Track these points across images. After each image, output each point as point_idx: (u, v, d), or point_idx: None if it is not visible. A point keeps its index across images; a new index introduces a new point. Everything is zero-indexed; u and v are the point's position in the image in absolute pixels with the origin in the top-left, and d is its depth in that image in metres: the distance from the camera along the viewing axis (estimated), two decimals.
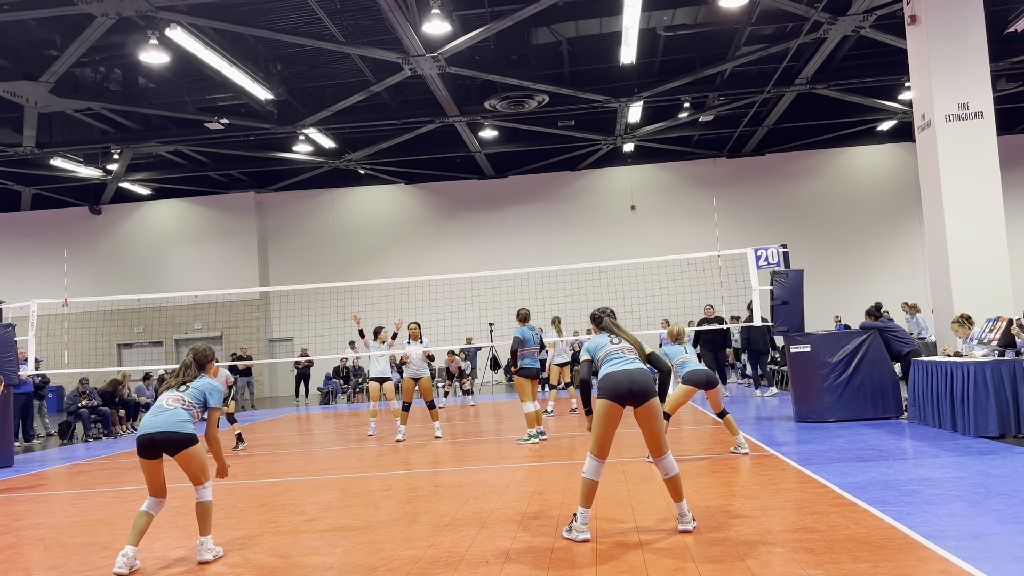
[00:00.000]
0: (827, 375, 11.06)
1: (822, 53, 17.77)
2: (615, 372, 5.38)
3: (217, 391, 5.47)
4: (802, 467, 7.51)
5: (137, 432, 5.23)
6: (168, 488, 5.36)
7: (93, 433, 15.67)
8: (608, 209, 26.88)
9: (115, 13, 13.83)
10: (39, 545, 6.16)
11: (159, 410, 5.24)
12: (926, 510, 5.53)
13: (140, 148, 22.50)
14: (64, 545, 6.10)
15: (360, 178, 27.20)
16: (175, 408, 5.25)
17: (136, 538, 5.12)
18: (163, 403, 5.29)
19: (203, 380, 5.49)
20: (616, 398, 5.31)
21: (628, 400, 5.33)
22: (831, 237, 26.05)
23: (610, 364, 5.49)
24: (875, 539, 4.88)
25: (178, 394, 5.35)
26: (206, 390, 5.42)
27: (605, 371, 5.48)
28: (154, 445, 5.16)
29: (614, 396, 5.31)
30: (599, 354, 5.64)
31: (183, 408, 5.28)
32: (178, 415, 5.22)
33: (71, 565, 5.45)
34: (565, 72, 20.19)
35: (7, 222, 27.96)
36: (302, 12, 15.80)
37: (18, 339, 12.80)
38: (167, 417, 5.19)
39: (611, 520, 5.82)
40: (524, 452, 9.87)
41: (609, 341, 5.67)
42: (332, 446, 12.06)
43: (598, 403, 5.40)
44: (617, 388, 5.31)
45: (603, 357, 5.59)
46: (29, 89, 17.17)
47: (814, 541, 4.92)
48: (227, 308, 26.85)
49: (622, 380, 5.33)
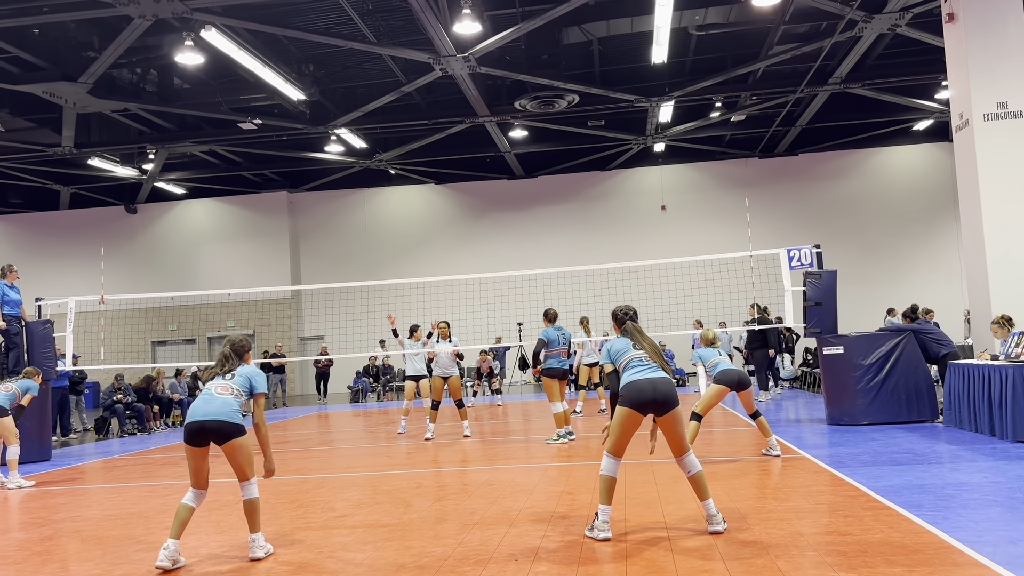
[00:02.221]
0: (860, 377, 10.92)
1: (857, 52, 17.55)
2: (639, 380, 5.33)
3: (261, 377, 5.45)
4: (835, 470, 7.43)
5: (187, 419, 5.18)
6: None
7: (128, 429, 15.90)
8: (638, 209, 26.77)
9: (152, 15, 14.05)
10: (76, 538, 6.27)
11: (209, 398, 5.20)
12: (962, 515, 5.44)
13: (175, 148, 22.84)
14: (100, 538, 6.20)
15: (391, 178, 27.36)
16: (225, 396, 5.21)
17: (178, 531, 5.09)
18: (212, 391, 5.25)
19: (245, 367, 5.46)
20: (639, 406, 5.28)
21: (651, 408, 5.29)
22: (865, 238, 25.73)
23: (634, 371, 5.41)
24: (910, 543, 4.81)
25: (226, 382, 5.31)
26: (251, 376, 5.40)
27: (628, 378, 5.38)
28: (204, 433, 5.11)
29: (636, 405, 5.28)
30: (621, 360, 5.54)
31: (233, 397, 5.24)
32: (229, 404, 5.19)
33: (108, 558, 5.54)
34: (596, 72, 20.14)
35: (46, 221, 28.50)
36: (334, 13, 15.93)
37: (56, 335, 13.03)
38: (219, 405, 5.16)
39: (640, 520, 5.80)
40: (552, 452, 9.86)
41: (631, 346, 5.56)
42: (362, 444, 12.14)
43: (619, 410, 5.35)
44: (640, 396, 5.27)
45: (626, 363, 5.50)
46: (68, 90, 17.50)
47: (847, 544, 4.86)
48: (259, 306, 27.14)
49: (645, 388, 5.28)
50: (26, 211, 28.66)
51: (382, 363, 24.32)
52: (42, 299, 13.71)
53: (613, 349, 5.63)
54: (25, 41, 16.26)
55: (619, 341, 5.65)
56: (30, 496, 8.57)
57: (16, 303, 12.63)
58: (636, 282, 20.58)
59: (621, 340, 5.65)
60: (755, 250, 13.02)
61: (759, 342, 15.59)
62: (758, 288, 14.34)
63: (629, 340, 5.62)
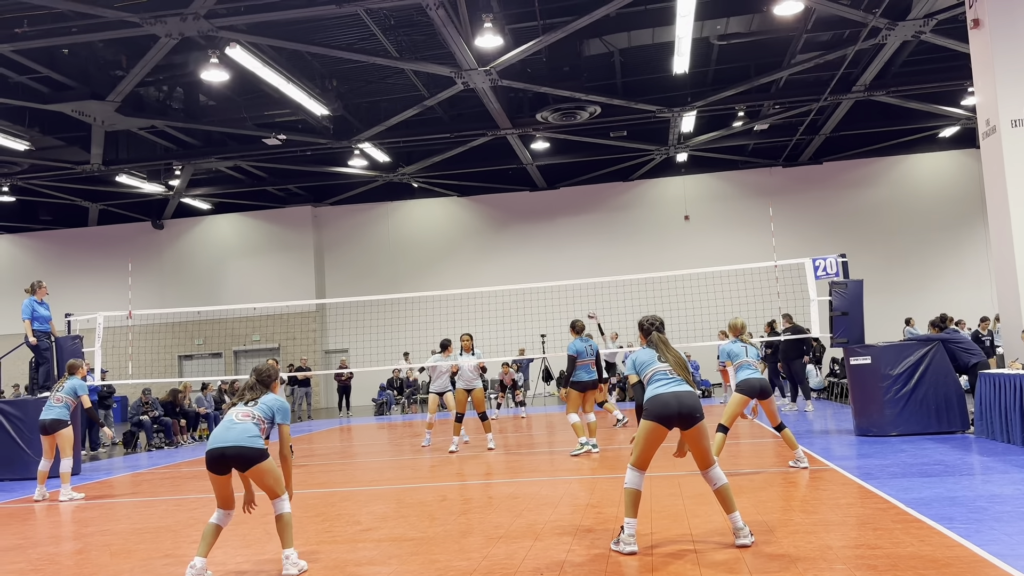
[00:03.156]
0: (888, 387, 10.78)
1: (881, 59, 17.43)
2: (665, 394, 5.30)
3: (285, 408, 5.42)
4: (863, 482, 7.33)
5: (208, 446, 5.15)
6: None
7: (155, 442, 16.06)
8: (661, 219, 26.70)
9: (178, 33, 14.26)
10: (106, 551, 6.33)
11: (229, 425, 5.17)
12: (995, 528, 5.34)
13: (201, 164, 23.12)
14: (129, 552, 6.25)
15: (414, 191, 27.51)
16: (245, 423, 5.18)
17: (205, 550, 5.09)
18: (233, 418, 5.22)
19: (269, 396, 5.42)
20: (664, 420, 5.26)
21: (676, 422, 5.26)
22: (891, 246, 25.47)
23: (659, 385, 5.38)
24: (941, 557, 4.73)
25: (247, 408, 5.28)
26: (273, 406, 5.37)
27: (654, 392, 5.36)
28: (224, 460, 5.08)
29: (662, 419, 5.26)
30: (646, 371, 5.52)
31: (253, 423, 5.20)
32: (248, 430, 5.15)
33: (136, 572, 5.58)
34: (617, 83, 20.15)
35: (75, 237, 28.93)
36: (357, 29, 16.08)
37: (85, 350, 13.20)
38: (238, 432, 5.11)
39: (666, 534, 5.75)
40: (577, 464, 9.83)
41: (657, 358, 5.53)
42: (386, 456, 12.16)
43: (644, 423, 5.34)
44: (665, 411, 5.25)
45: (650, 375, 5.47)
46: (97, 108, 17.79)
47: (877, 558, 4.79)
48: (285, 320, 27.34)
49: (671, 403, 5.26)
50: (56, 228, 29.11)
51: (406, 375, 24.37)
52: (71, 315, 13.90)
53: (639, 360, 5.61)
54: (55, 61, 16.57)
55: (644, 352, 5.64)
56: (62, 510, 8.66)
57: (46, 319, 12.81)
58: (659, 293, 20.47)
59: (646, 351, 5.64)
60: (780, 260, 12.93)
61: (795, 352, 15.50)
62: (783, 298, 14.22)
63: (655, 352, 5.60)
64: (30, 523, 7.90)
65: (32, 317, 12.62)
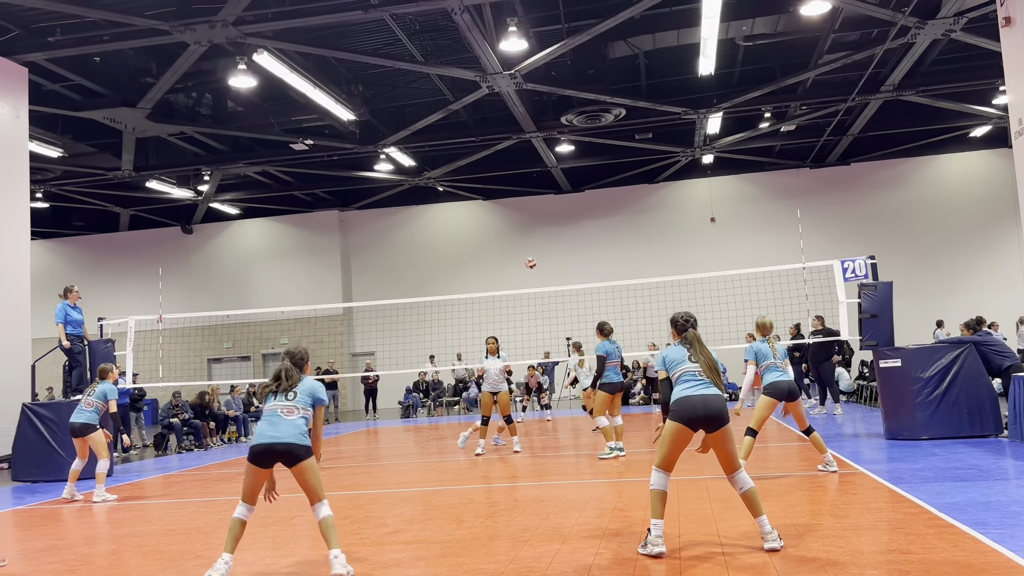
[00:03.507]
0: (919, 390, 10.65)
1: (910, 58, 17.23)
2: (692, 396, 5.27)
3: (322, 388, 5.43)
4: (894, 486, 7.24)
5: (254, 440, 5.13)
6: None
7: (185, 445, 16.24)
8: (687, 222, 26.58)
9: (207, 40, 14.44)
10: (138, 552, 6.41)
11: (277, 420, 5.12)
12: None
13: (229, 169, 23.38)
14: (161, 553, 6.34)
15: (439, 195, 27.62)
16: (294, 419, 5.15)
17: (232, 545, 5.10)
18: (280, 413, 5.16)
19: (306, 382, 5.37)
20: (689, 423, 5.25)
21: (701, 425, 5.24)
22: (920, 248, 25.16)
23: (687, 386, 5.34)
24: (976, 563, 4.66)
25: (290, 403, 5.21)
26: (312, 392, 5.33)
27: (680, 393, 5.33)
28: (272, 455, 5.07)
29: (687, 421, 5.24)
30: (676, 370, 5.47)
31: (300, 418, 5.18)
32: (298, 426, 5.13)
33: (167, 572, 5.66)
34: (642, 85, 20.11)
35: (107, 242, 29.37)
36: (383, 34, 16.19)
37: (117, 354, 13.40)
38: (287, 427, 5.09)
39: (694, 537, 5.72)
40: (603, 467, 9.80)
41: (687, 358, 5.48)
42: (413, 459, 12.21)
43: (669, 424, 5.32)
44: (691, 413, 5.23)
45: (679, 375, 5.43)
46: (127, 115, 18.07)
47: (909, 564, 4.73)
48: (312, 323, 27.54)
49: (697, 405, 5.23)
50: (88, 233, 29.57)
51: (432, 378, 24.46)
52: (104, 319, 14.11)
53: (669, 357, 5.55)
54: (87, 69, 16.84)
55: (676, 350, 5.58)
56: (95, 511, 8.79)
57: (78, 323, 13.03)
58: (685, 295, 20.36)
59: (678, 349, 5.58)
60: (808, 262, 12.82)
61: (824, 354, 15.38)
62: (812, 300, 14.09)
63: (686, 351, 5.54)
64: (64, 524, 8.03)
65: (65, 321, 12.84)
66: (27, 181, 15.08)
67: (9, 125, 14.61)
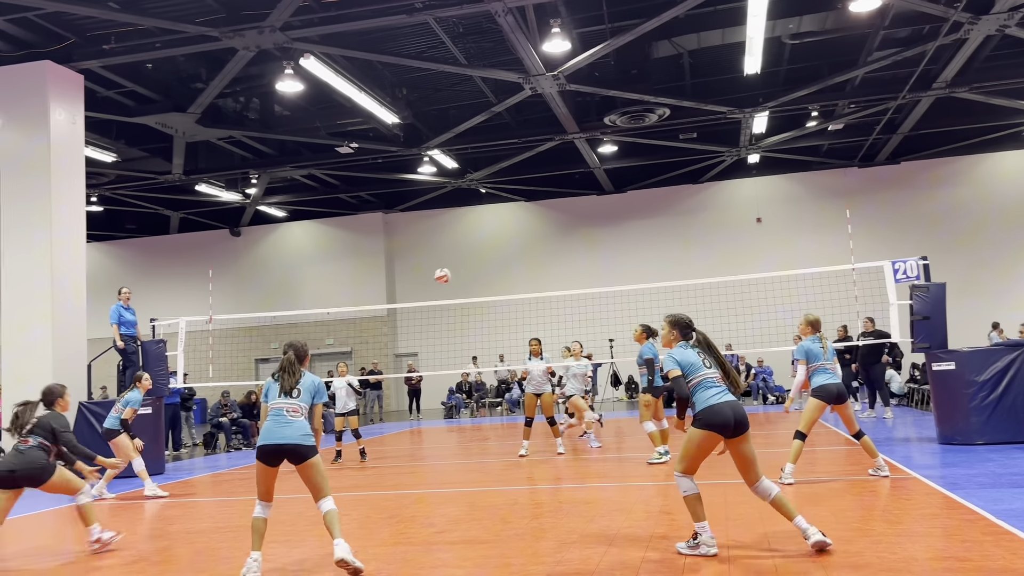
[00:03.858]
0: (974, 394, 10.41)
1: (963, 55, 16.82)
2: (721, 405, 5.31)
3: (322, 388, 5.71)
4: (949, 492, 7.08)
5: (261, 441, 5.41)
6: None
7: (234, 443, 16.52)
8: (732, 222, 26.28)
9: (255, 46, 14.68)
10: (190, 548, 6.55)
11: (283, 421, 5.40)
12: None
13: (276, 173, 23.73)
14: (212, 549, 6.46)
15: (481, 197, 27.70)
16: (298, 420, 5.43)
17: (259, 543, 5.36)
18: (285, 413, 5.43)
19: (307, 380, 5.64)
20: (721, 430, 5.29)
21: (730, 432, 5.31)
22: (974, 248, 24.54)
23: (712, 394, 5.37)
24: None
25: (293, 402, 5.49)
26: (313, 390, 5.63)
27: (709, 401, 5.34)
28: (280, 454, 5.36)
29: (719, 429, 5.29)
30: (694, 376, 5.46)
31: (304, 418, 5.48)
32: (302, 427, 5.42)
33: (219, 568, 5.76)
34: (687, 84, 19.94)
35: (158, 245, 30.00)
36: (427, 37, 16.29)
37: (168, 354, 13.68)
38: (294, 430, 5.38)
39: (742, 541, 5.67)
40: (649, 470, 9.74)
41: (703, 363, 5.50)
42: (456, 460, 12.27)
43: (699, 433, 5.33)
44: (724, 421, 5.27)
45: (700, 380, 5.43)
46: (178, 120, 18.44)
47: (966, 571, 4.62)
48: (357, 324, 27.81)
49: (728, 414, 5.28)
50: (140, 236, 30.24)
51: (475, 379, 24.54)
52: (156, 319, 14.42)
53: (685, 360, 5.53)
54: (140, 75, 17.23)
55: (690, 352, 5.57)
56: (147, 507, 8.99)
57: (131, 323, 13.34)
58: (731, 297, 20.16)
59: (692, 352, 5.58)
60: (857, 263, 12.60)
61: (874, 357, 15.13)
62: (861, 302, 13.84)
63: (696, 353, 5.56)
64: (119, 520, 8.22)
65: (119, 322, 13.16)
66: (83, 185, 15.47)
67: (66, 131, 15.00)
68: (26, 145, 14.68)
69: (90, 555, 6.43)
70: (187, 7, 14.26)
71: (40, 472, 6.22)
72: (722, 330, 21.66)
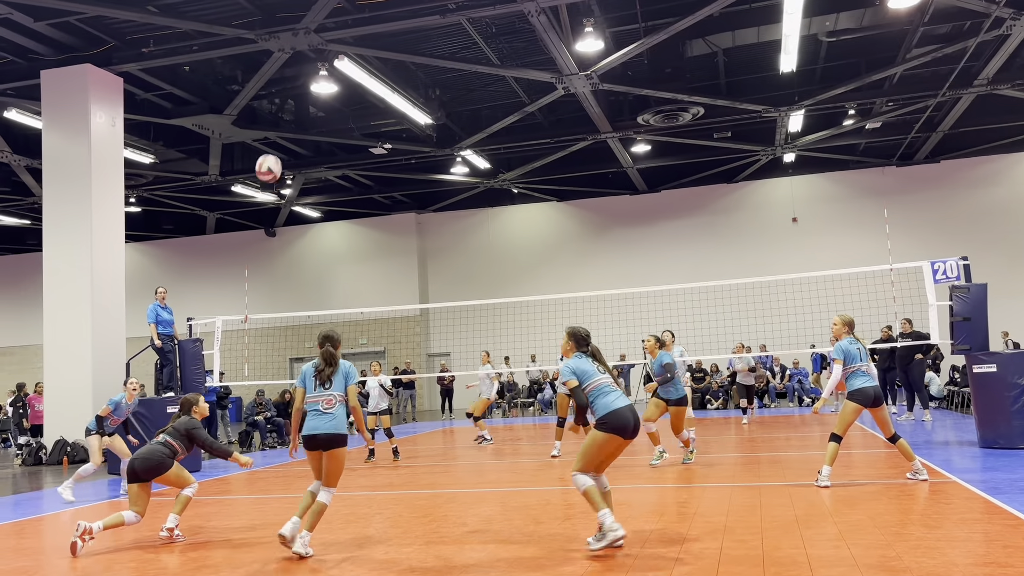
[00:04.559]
0: (1017, 397, 10.20)
1: (1005, 51, 16.49)
2: (623, 409, 5.66)
3: (352, 370, 6.22)
4: (990, 496, 6.94)
5: (304, 432, 6.04)
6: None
7: (269, 442, 16.69)
8: (768, 222, 26.01)
9: (290, 48, 14.83)
10: (227, 545, 6.62)
11: (318, 413, 6.00)
12: None
13: (311, 173, 23.94)
14: (250, 546, 6.53)
15: (513, 197, 27.71)
16: (332, 411, 6.00)
17: (303, 512, 5.96)
18: (320, 407, 6.01)
19: (340, 368, 6.14)
20: (623, 432, 5.64)
21: (630, 434, 5.67)
22: (1017, 248, 24.03)
23: (613, 399, 5.70)
24: None
25: (328, 394, 6.03)
26: (345, 376, 6.15)
27: (611, 406, 5.67)
28: (316, 442, 5.97)
29: (621, 431, 5.64)
30: (589, 382, 5.77)
31: (338, 409, 6.03)
32: (333, 418, 5.99)
33: (255, 566, 5.82)
34: (721, 83, 19.78)
35: (195, 245, 30.43)
36: (460, 38, 16.34)
37: (205, 353, 13.86)
38: (327, 421, 5.97)
39: (778, 543, 5.59)
40: (683, 472, 9.67)
41: (597, 370, 5.83)
42: (488, 459, 12.28)
43: (601, 436, 5.66)
44: (626, 424, 5.63)
45: (597, 386, 5.76)
46: (214, 122, 18.69)
47: None
48: (390, 324, 27.98)
49: (629, 417, 5.66)
50: (177, 236, 30.70)
51: (507, 379, 24.55)
52: (192, 319, 14.61)
53: (580, 369, 5.84)
54: (177, 78, 17.50)
55: (585, 362, 5.89)
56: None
57: (168, 323, 13.54)
58: (766, 297, 19.96)
59: (586, 361, 5.90)
60: (896, 263, 12.41)
61: (909, 358, 14.90)
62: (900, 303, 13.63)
63: (592, 363, 5.88)
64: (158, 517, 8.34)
65: (156, 321, 13.36)
66: (122, 186, 15.75)
67: (106, 133, 15.28)
68: (68, 147, 14.97)
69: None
70: (224, 10, 14.45)
71: (156, 466, 6.81)
72: (757, 331, 21.51)
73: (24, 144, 19.85)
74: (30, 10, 13.69)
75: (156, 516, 7.66)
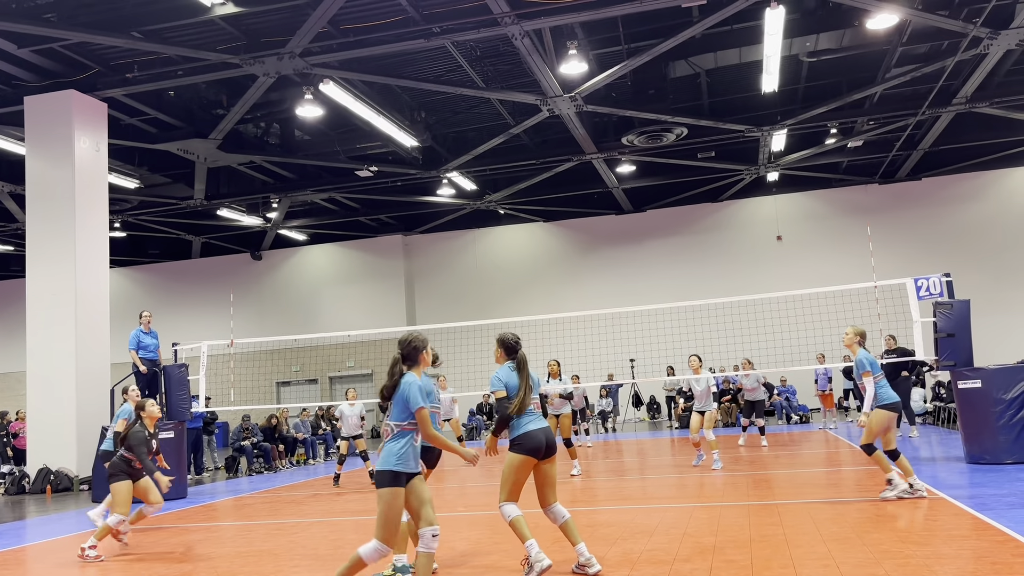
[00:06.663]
0: (1002, 412, 10.24)
1: (983, 69, 16.74)
2: (536, 431, 5.65)
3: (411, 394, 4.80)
4: (978, 512, 6.96)
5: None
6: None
7: (255, 467, 16.55)
8: (753, 240, 26.17)
9: (275, 72, 14.86)
10: (212, 573, 6.54)
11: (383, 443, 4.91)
12: None
13: (297, 196, 23.93)
14: (234, 574, 6.45)
15: (500, 218, 27.78)
16: (386, 444, 4.83)
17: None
18: (383, 438, 4.89)
19: (399, 392, 4.83)
20: (535, 453, 5.63)
21: (542, 455, 5.66)
22: (1000, 264, 24.26)
23: (528, 420, 5.68)
24: None
25: (386, 424, 4.87)
26: (400, 401, 4.82)
27: (525, 427, 5.65)
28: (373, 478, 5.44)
29: (534, 452, 5.63)
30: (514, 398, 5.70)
31: (392, 439, 4.80)
32: (387, 450, 4.80)
33: None
34: (704, 103, 19.95)
35: (180, 269, 30.29)
36: (444, 61, 16.44)
37: (191, 378, 13.76)
38: (382, 454, 4.83)
39: (767, 563, 5.58)
40: (669, 493, 9.65)
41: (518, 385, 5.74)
42: (477, 482, 12.21)
43: (517, 458, 5.63)
44: (538, 446, 5.62)
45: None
46: (200, 146, 18.68)
47: None
48: (377, 346, 27.87)
49: (541, 439, 5.64)
50: (162, 261, 30.56)
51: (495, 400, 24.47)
52: (178, 344, 14.51)
53: (510, 383, 5.75)
54: (162, 103, 17.50)
55: (513, 375, 5.80)
56: (170, 533, 9.00)
57: (152, 347, 13.44)
58: (752, 316, 20.05)
59: (513, 374, 5.80)
60: (880, 280, 12.49)
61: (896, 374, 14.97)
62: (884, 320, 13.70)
63: (517, 376, 5.76)
64: (142, 545, 8.24)
65: (138, 347, 13.26)
66: (106, 211, 15.68)
67: (90, 159, 15.23)
68: (52, 173, 14.90)
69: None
70: (208, 35, 14.49)
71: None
72: (743, 349, 21.55)
73: (8, 170, 19.76)
74: (14, 37, 13.68)
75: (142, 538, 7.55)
